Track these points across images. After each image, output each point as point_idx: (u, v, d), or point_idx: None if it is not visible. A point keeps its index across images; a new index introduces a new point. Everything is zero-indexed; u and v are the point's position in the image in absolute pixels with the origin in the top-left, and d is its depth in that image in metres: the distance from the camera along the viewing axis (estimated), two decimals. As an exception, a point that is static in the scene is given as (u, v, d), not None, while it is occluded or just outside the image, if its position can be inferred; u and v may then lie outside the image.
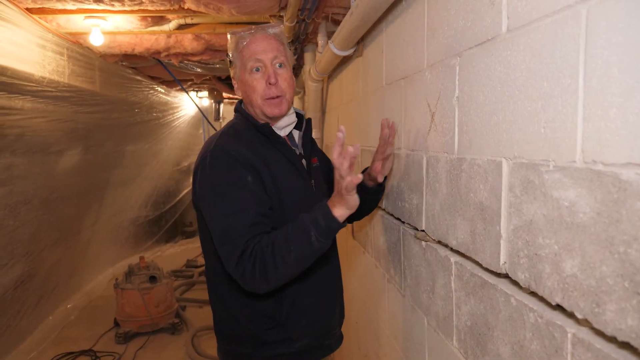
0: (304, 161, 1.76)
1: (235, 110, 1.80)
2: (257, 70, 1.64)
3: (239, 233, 1.46)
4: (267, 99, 1.64)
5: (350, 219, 2.01)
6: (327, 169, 1.96)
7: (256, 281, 1.43)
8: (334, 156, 1.38)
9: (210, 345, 4.52)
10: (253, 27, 1.70)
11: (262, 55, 1.63)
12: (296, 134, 1.82)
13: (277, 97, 1.65)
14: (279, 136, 1.69)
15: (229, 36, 1.71)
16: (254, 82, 1.64)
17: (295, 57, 4.10)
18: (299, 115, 1.83)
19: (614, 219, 0.70)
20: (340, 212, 1.41)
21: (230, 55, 1.72)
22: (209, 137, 1.72)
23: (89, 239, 5.92)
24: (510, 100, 1.01)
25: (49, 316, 4.95)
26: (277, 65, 1.66)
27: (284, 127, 1.75)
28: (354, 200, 1.40)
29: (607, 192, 0.72)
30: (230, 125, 1.74)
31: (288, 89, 1.68)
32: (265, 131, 1.66)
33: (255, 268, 1.42)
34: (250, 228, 1.47)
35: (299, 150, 1.78)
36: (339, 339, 1.92)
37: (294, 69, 1.79)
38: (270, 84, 1.63)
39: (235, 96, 8.78)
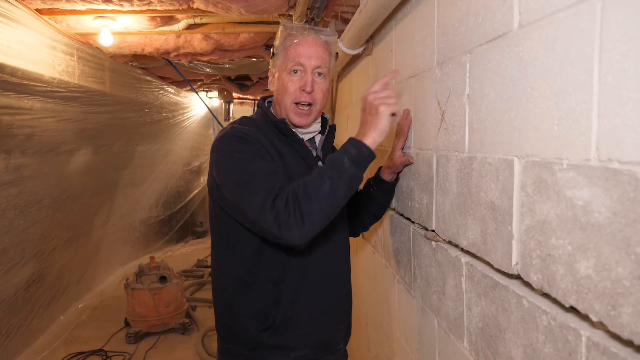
0: (320, 164, 1.71)
1: (257, 106, 1.77)
2: (296, 72, 1.61)
3: (270, 184, 1.40)
4: (297, 103, 1.62)
5: (365, 223, 1.99)
6: None
7: (290, 221, 1.33)
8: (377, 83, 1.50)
9: (220, 345, 4.51)
10: (307, 26, 1.67)
11: (306, 61, 1.60)
12: (318, 137, 1.79)
13: (308, 105, 1.62)
14: (295, 134, 1.66)
15: (280, 27, 1.67)
16: (289, 84, 1.61)
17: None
18: (324, 119, 1.80)
19: (631, 219, 0.68)
20: (370, 138, 1.41)
21: (275, 48, 1.67)
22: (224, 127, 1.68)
23: (100, 239, 5.95)
24: (522, 97, 0.98)
25: (60, 316, 4.98)
26: (317, 74, 1.62)
27: (305, 133, 1.72)
28: (385, 119, 1.42)
29: (624, 191, 0.69)
30: (248, 117, 1.72)
31: (321, 100, 1.65)
32: (280, 126, 1.63)
33: (289, 205, 1.34)
34: (281, 181, 1.43)
35: (316, 153, 1.74)
36: (343, 355, 1.87)
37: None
38: (303, 90, 1.60)
39: (245, 96, 8.80)
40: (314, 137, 1.78)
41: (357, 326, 3.15)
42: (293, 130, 1.66)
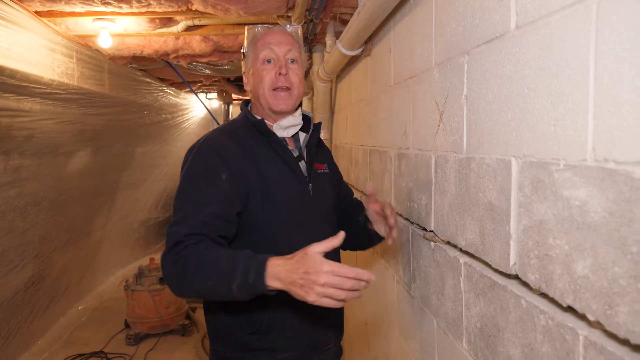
0: (303, 164, 1.70)
1: (240, 109, 1.78)
2: (269, 62, 1.63)
3: (187, 223, 1.42)
4: (275, 89, 1.62)
5: (350, 247, 1.93)
6: (336, 180, 1.91)
7: (171, 279, 1.39)
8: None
9: (220, 347, 4.51)
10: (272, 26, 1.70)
11: (276, 47, 1.62)
12: (302, 137, 1.77)
13: (286, 89, 1.62)
14: (274, 134, 1.65)
15: (246, 30, 1.70)
16: (264, 72, 1.62)
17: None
18: (307, 118, 1.79)
19: (627, 219, 0.68)
20: (277, 284, 1.25)
21: (245, 49, 1.70)
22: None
23: (100, 241, 5.95)
24: (519, 98, 0.99)
25: (60, 318, 4.98)
26: (290, 60, 1.64)
27: (288, 127, 1.69)
28: (305, 299, 1.22)
29: (619, 191, 0.70)
30: (230, 122, 1.74)
31: (299, 84, 1.66)
32: (260, 127, 1.63)
33: (176, 268, 1.36)
34: (198, 226, 1.41)
35: (297, 152, 1.71)
36: (336, 353, 1.83)
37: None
38: (280, 74, 1.61)
39: (245, 97, 8.80)
40: (298, 135, 1.76)
41: (357, 327, 3.15)
42: (272, 130, 1.66)
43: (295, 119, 1.71)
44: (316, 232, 1.61)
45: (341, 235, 1.27)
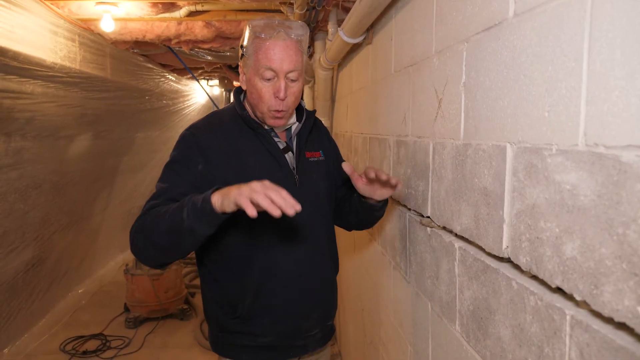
0: (290, 155, 1.70)
1: (233, 96, 1.77)
2: (269, 80, 1.56)
3: (157, 199, 1.50)
4: (272, 110, 1.59)
5: (348, 227, 1.98)
6: (332, 164, 1.87)
7: (130, 238, 1.46)
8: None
9: (218, 331, 4.55)
10: (276, 20, 1.57)
11: (278, 66, 1.54)
12: (295, 126, 1.75)
13: (281, 111, 1.60)
14: (260, 125, 1.65)
15: (247, 27, 1.60)
16: (263, 90, 1.57)
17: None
18: (300, 108, 1.77)
19: (614, 201, 0.71)
20: (217, 197, 1.30)
21: (244, 48, 1.61)
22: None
23: (100, 225, 5.98)
24: (515, 85, 1.01)
25: (60, 300, 5.02)
26: (291, 79, 1.58)
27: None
28: (243, 198, 1.24)
29: (608, 175, 0.72)
30: (218, 111, 1.74)
31: (294, 102, 1.63)
32: (246, 119, 1.64)
33: (136, 224, 1.46)
34: (166, 200, 1.48)
35: (284, 144, 1.70)
36: (321, 339, 1.83)
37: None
38: (277, 97, 1.57)
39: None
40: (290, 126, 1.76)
41: (354, 313, 3.19)
42: (253, 122, 1.64)
43: (290, 121, 1.73)
44: (300, 224, 1.66)
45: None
